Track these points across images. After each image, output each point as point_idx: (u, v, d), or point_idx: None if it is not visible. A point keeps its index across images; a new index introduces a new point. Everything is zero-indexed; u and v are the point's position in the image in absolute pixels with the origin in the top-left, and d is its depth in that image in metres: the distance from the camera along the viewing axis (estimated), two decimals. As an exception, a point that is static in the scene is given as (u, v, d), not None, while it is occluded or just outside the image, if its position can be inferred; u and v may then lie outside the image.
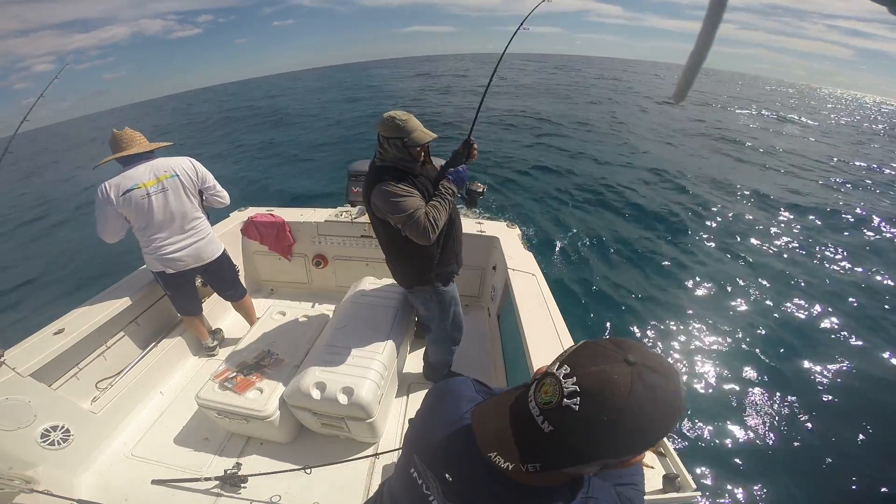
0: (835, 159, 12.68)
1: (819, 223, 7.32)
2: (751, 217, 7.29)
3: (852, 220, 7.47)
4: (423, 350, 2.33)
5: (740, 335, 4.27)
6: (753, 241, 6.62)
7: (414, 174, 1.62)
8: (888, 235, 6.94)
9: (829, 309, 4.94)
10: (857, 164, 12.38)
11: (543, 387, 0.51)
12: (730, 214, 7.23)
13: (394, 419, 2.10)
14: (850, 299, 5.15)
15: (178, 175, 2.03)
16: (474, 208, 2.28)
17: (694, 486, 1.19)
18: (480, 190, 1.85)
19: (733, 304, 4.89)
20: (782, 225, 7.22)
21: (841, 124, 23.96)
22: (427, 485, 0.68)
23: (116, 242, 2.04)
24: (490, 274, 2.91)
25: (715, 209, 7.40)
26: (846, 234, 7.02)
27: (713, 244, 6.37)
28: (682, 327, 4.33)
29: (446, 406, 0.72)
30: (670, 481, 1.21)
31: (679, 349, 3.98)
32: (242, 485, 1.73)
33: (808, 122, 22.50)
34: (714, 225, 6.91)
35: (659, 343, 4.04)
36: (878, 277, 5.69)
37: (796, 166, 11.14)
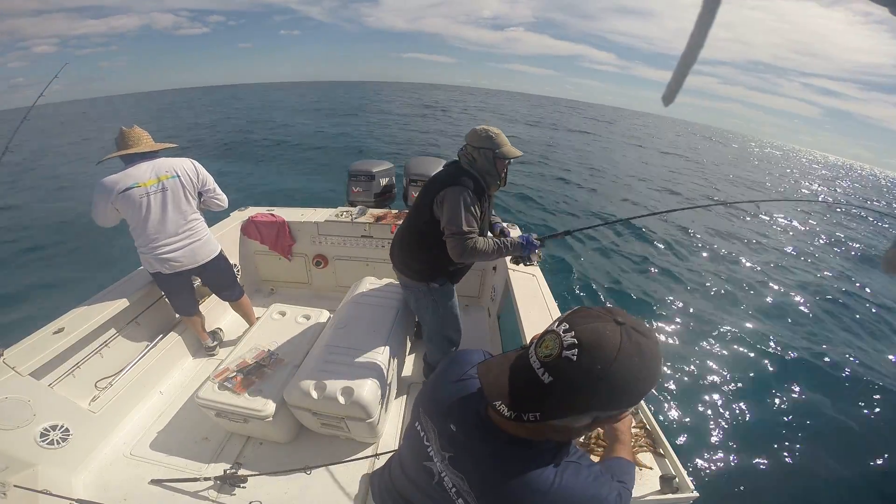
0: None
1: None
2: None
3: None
4: (422, 350, 2.33)
5: (742, 336, 4.27)
6: (751, 248, 6.62)
7: (487, 196, 1.69)
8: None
9: (832, 310, 4.95)
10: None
11: (545, 342, 0.57)
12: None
13: (394, 419, 2.10)
14: (854, 302, 5.16)
15: (179, 176, 2.03)
16: (518, 265, 2.39)
17: (692, 487, 1.17)
18: (535, 260, 1.95)
19: (734, 305, 4.89)
20: (788, 228, 7.20)
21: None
22: (427, 436, 0.73)
23: (121, 243, 2.04)
24: (490, 274, 2.91)
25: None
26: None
27: (713, 251, 6.38)
28: (683, 327, 4.34)
29: (455, 369, 0.79)
30: (668, 482, 1.19)
31: (679, 348, 3.99)
32: (241, 485, 1.73)
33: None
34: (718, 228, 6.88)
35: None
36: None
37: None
